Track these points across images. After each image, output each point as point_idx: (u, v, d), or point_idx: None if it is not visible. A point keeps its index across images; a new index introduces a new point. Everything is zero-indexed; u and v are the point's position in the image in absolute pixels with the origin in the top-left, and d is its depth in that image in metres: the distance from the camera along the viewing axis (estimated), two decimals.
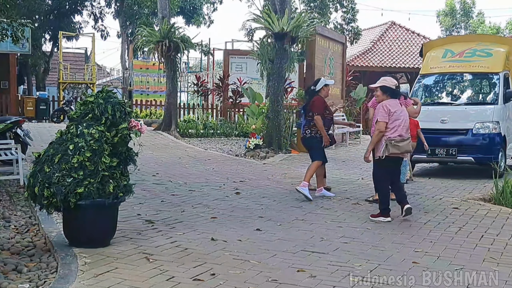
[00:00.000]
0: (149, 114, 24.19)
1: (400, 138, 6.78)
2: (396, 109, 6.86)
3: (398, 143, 6.75)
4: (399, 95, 7.18)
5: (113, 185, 5.22)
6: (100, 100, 5.33)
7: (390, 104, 6.87)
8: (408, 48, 29.54)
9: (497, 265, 5.03)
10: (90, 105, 5.34)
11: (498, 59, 11.52)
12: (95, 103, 5.32)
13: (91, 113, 5.30)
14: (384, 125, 6.80)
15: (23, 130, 11.15)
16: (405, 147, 6.84)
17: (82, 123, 5.32)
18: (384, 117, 6.81)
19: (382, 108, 6.86)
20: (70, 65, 32.25)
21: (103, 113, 5.29)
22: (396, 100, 6.99)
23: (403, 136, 6.82)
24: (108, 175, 5.20)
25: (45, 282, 4.39)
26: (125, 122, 5.38)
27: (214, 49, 31.63)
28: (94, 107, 5.31)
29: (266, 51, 14.56)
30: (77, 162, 5.10)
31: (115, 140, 5.32)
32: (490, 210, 7.63)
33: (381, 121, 6.82)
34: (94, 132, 5.22)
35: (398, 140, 6.76)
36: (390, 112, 6.81)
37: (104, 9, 35.95)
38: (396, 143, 6.74)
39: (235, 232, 6.04)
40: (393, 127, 6.81)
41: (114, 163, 5.29)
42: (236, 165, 12.08)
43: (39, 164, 5.26)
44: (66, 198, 5.03)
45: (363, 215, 7.16)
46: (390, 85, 7.03)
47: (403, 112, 6.96)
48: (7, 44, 16.51)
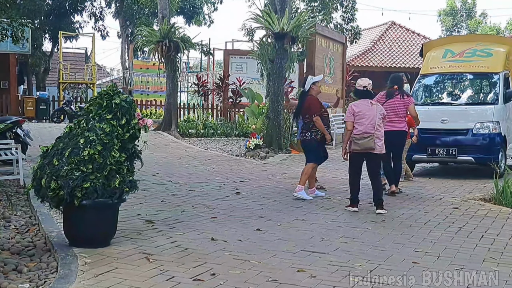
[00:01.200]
0: (149, 114, 24.20)
1: (359, 136, 7.33)
2: (361, 109, 7.45)
3: (358, 141, 7.32)
4: (368, 95, 7.65)
5: (119, 180, 5.24)
6: (124, 104, 5.44)
7: (356, 105, 7.55)
8: (408, 48, 29.54)
9: (497, 265, 5.03)
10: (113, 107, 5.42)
11: (498, 59, 11.52)
12: (119, 105, 5.41)
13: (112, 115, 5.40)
14: (350, 124, 7.45)
15: (23, 130, 11.16)
16: (365, 144, 7.30)
17: (94, 117, 5.39)
18: (349, 117, 7.51)
19: (349, 109, 7.58)
20: (70, 65, 32.27)
21: (124, 115, 5.40)
22: (364, 100, 7.56)
23: (363, 135, 7.33)
24: (115, 169, 5.24)
25: (45, 282, 4.40)
26: (135, 118, 5.49)
27: (214, 49, 31.65)
28: (117, 110, 5.40)
29: (266, 51, 14.56)
30: (88, 155, 5.15)
31: (126, 136, 5.39)
32: (490, 210, 7.63)
33: (347, 121, 7.56)
34: (106, 126, 5.29)
35: (358, 138, 7.32)
36: (355, 112, 7.44)
37: (104, 9, 35.99)
38: (356, 140, 7.34)
39: (235, 232, 6.05)
40: (357, 125, 7.38)
41: (122, 158, 5.33)
42: (236, 165, 12.08)
43: (48, 157, 5.30)
44: (72, 191, 5.05)
45: (363, 215, 7.16)
46: (358, 86, 7.73)
47: (369, 111, 7.44)
48: (7, 44, 16.52)
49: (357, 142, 7.30)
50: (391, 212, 7.34)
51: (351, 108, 7.50)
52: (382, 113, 7.58)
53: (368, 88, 7.61)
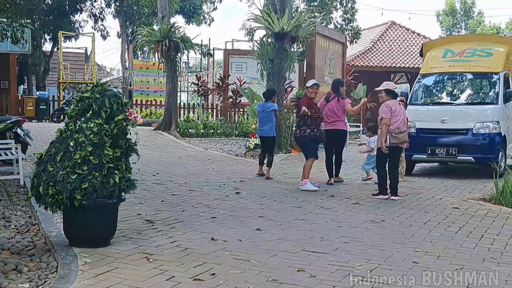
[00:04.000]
0: (149, 114, 24.17)
1: (398, 130, 8.21)
2: (396, 108, 8.34)
3: (397, 135, 8.20)
4: (396, 96, 8.64)
5: (118, 176, 5.23)
6: (97, 95, 5.31)
7: (392, 104, 8.34)
8: (408, 48, 29.52)
9: (497, 265, 5.03)
10: (87, 101, 5.33)
11: (498, 59, 11.52)
12: (92, 98, 5.31)
13: (90, 109, 5.30)
14: (388, 120, 8.21)
15: (23, 130, 11.16)
16: (402, 138, 8.25)
17: (80, 118, 5.33)
18: (387, 113, 8.24)
19: (386, 107, 8.30)
20: (70, 65, 32.26)
21: (101, 107, 5.27)
22: (395, 100, 8.49)
23: (401, 129, 8.26)
24: (113, 166, 5.22)
25: (45, 282, 4.39)
26: (122, 113, 5.38)
27: (214, 49, 31.63)
28: (92, 102, 5.29)
29: (266, 51, 14.56)
30: (80, 157, 5.12)
31: (114, 132, 5.31)
32: (490, 210, 7.63)
33: (385, 117, 8.24)
34: (93, 126, 5.22)
35: (397, 132, 8.20)
36: (392, 109, 8.26)
37: (104, 9, 35.97)
38: (395, 134, 8.19)
39: (235, 232, 6.04)
40: (393, 122, 8.23)
41: (118, 153, 5.30)
42: (236, 165, 12.08)
43: (42, 164, 5.27)
44: (71, 194, 5.04)
45: (363, 215, 7.16)
46: (392, 87, 8.55)
47: (401, 109, 8.44)
48: (7, 44, 16.48)
49: (396, 136, 8.19)
50: (391, 212, 7.35)
51: (388, 106, 8.29)
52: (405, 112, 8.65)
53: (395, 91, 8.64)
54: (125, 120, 5.38)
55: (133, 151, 5.55)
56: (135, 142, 5.58)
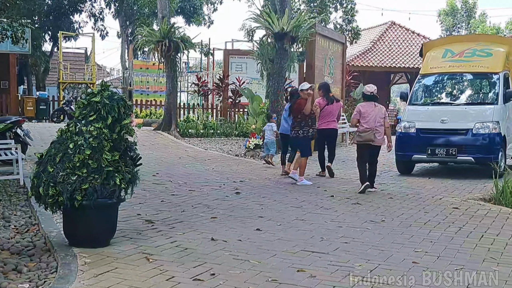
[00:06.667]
0: (149, 114, 24.18)
1: (362, 129, 8.83)
2: (366, 109, 8.90)
3: (361, 133, 8.85)
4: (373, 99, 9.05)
5: (119, 177, 5.22)
6: (106, 101, 5.30)
7: (362, 106, 9.02)
8: (408, 48, 29.50)
9: (497, 265, 5.03)
10: (96, 106, 5.32)
11: (498, 59, 11.52)
12: (101, 102, 5.30)
13: (96, 114, 5.29)
14: (355, 121, 8.96)
15: (23, 130, 11.15)
16: (366, 136, 8.81)
17: (81, 121, 5.33)
18: (355, 115, 9.00)
19: (356, 109, 9.10)
20: (70, 65, 32.26)
21: (109, 112, 5.28)
22: (370, 103, 8.98)
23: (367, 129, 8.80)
24: (112, 169, 5.22)
25: (45, 282, 4.39)
26: (128, 117, 5.43)
27: (214, 49, 31.64)
28: (100, 107, 5.30)
29: (266, 51, 14.56)
30: (79, 161, 5.12)
31: (113, 136, 5.30)
32: (490, 210, 7.62)
33: (353, 118, 9.07)
34: (93, 129, 5.22)
35: (361, 131, 8.85)
36: (361, 111, 8.89)
37: (104, 9, 35.98)
38: (360, 133, 8.89)
39: (235, 232, 6.04)
40: (363, 122, 8.85)
41: (117, 156, 5.29)
42: (236, 165, 12.08)
43: (42, 165, 5.27)
44: (72, 195, 5.04)
45: (363, 215, 7.16)
46: (366, 91, 9.17)
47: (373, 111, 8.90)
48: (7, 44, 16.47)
49: (361, 135, 8.87)
50: (391, 212, 7.35)
51: (358, 108, 9.03)
52: (383, 112, 9.02)
53: (374, 93, 9.09)
54: (131, 124, 5.43)
55: (132, 150, 5.56)
56: (134, 141, 5.60)
